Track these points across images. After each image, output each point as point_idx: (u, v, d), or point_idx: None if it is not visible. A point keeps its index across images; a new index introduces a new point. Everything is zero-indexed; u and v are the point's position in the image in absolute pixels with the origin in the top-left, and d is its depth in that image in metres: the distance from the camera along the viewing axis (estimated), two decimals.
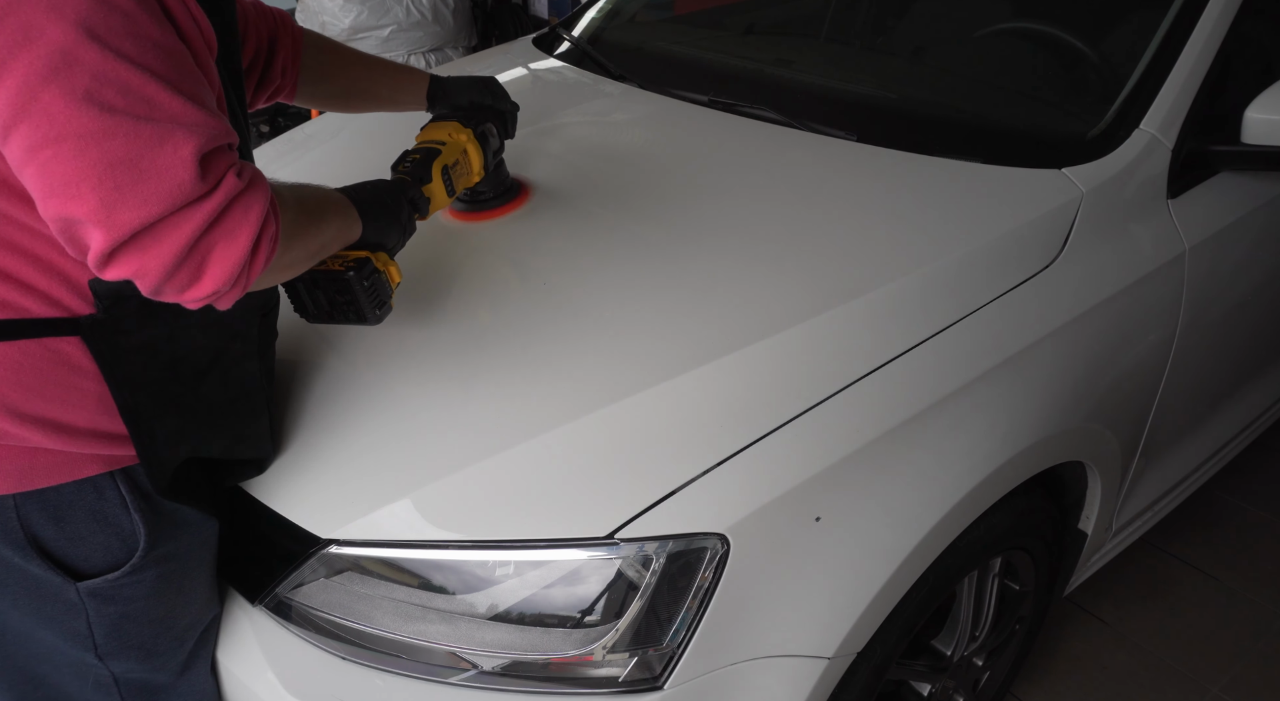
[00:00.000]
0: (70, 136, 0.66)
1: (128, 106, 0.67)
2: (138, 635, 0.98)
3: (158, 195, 0.68)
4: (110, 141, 0.67)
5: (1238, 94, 1.46)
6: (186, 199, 0.69)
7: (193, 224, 0.70)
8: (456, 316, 1.21)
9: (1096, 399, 1.34)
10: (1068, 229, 1.31)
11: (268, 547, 1.07)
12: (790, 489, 1.02)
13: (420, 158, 1.18)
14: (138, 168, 0.67)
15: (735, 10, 2.43)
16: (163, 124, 0.69)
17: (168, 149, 0.68)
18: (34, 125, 0.66)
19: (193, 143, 0.69)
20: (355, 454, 1.07)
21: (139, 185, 0.67)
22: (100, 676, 0.99)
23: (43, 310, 0.83)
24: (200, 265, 0.72)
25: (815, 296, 1.15)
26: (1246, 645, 1.91)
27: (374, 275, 1.00)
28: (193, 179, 0.69)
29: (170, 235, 0.70)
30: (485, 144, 1.28)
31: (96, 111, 0.66)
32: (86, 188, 0.67)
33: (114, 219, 0.68)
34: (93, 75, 0.66)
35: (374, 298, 1.01)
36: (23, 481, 0.86)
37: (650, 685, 1.00)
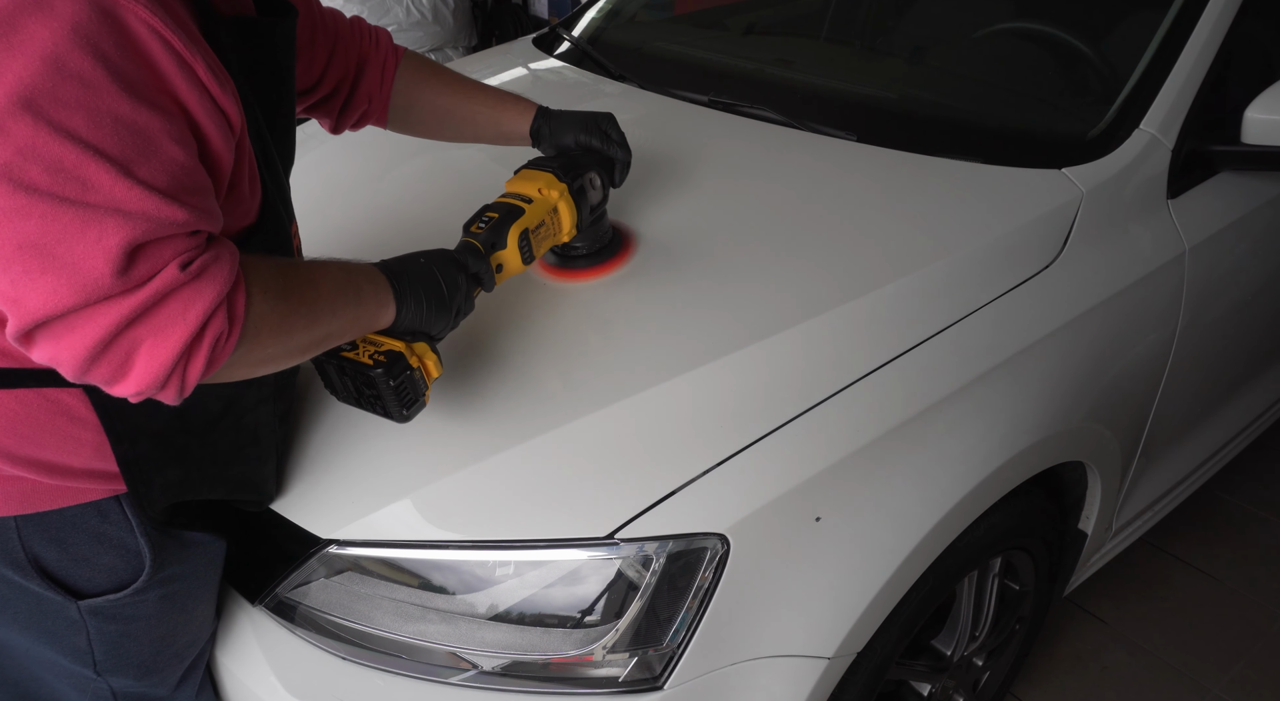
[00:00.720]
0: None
1: (53, 186, 0.61)
2: (138, 653, 0.97)
3: (68, 287, 0.62)
4: (24, 222, 0.61)
5: (1238, 94, 1.46)
6: (101, 294, 0.62)
7: (108, 319, 0.63)
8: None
9: (1096, 399, 1.34)
10: (1068, 229, 1.31)
11: (268, 548, 1.07)
12: (790, 489, 1.02)
13: (498, 219, 1.03)
14: (50, 255, 0.61)
15: (735, 10, 2.43)
16: (93, 209, 0.62)
17: (89, 237, 0.62)
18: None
19: (123, 233, 0.62)
20: (355, 454, 1.07)
21: (47, 274, 0.61)
22: (99, 690, 0.98)
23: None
24: (124, 361, 0.66)
25: (815, 296, 1.15)
26: (1246, 645, 1.91)
27: (405, 374, 0.88)
28: (110, 273, 0.62)
29: (82, 327, 0.63)
30: (581, 199, 1.13)
31: (11, 189, 0.60)
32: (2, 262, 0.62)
33: (22, 304, 0.62)
34: (18, 149, 0.60)
35: (404, 397, 0.90)
36: (24, 504, 0.85)
37: (650, 685, 1.00)
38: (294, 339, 0.79)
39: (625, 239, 1.26)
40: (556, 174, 1.10)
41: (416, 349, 0.91)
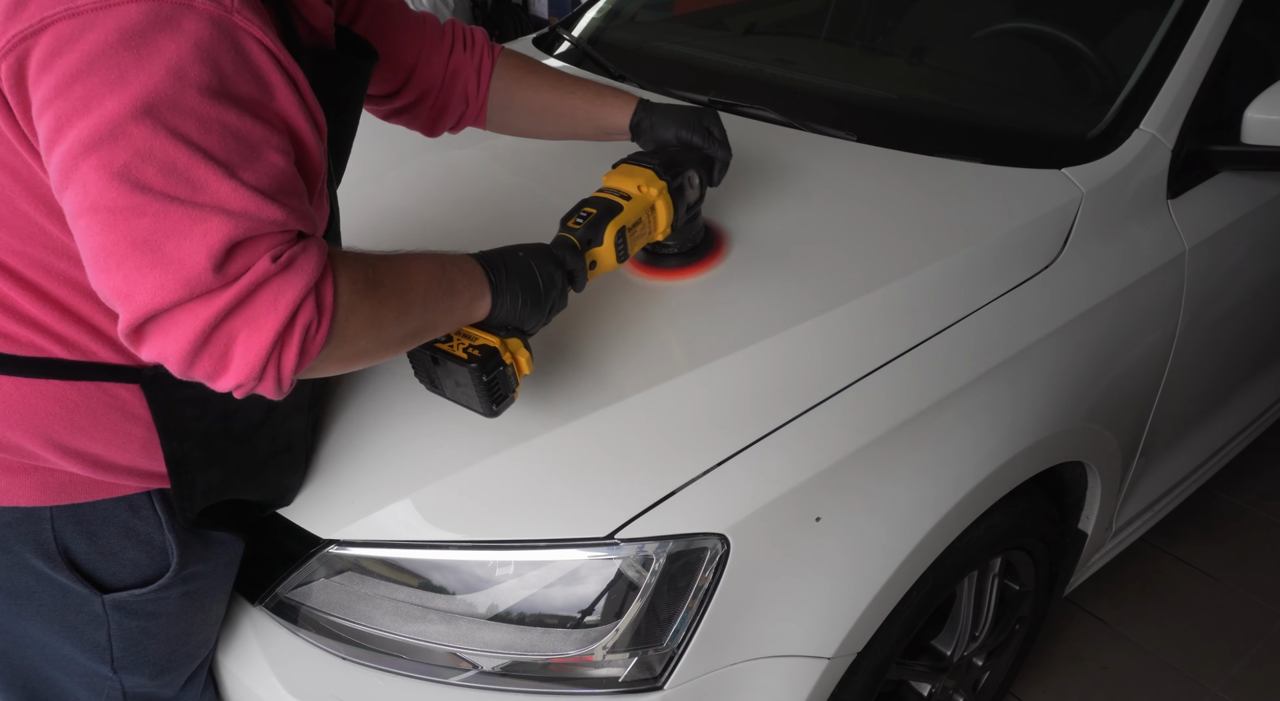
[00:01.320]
0: (100, 209, 0.65)
1: (166, 186, 0.65)
2: (155, 650, 0.98)
3: (174, 281, 0.66)
4: (139, 220, 0.65)
5: (1238, 94, 1.46)
6: (201, 289, 0.66)
7: (206, 313, 0.67)
8: None
9: (1096, 399, 1.34)
10: (1068, 229, 1.31)
11: (268, 548, 1.07)
12: (790, 489, 1.02)
13: (596, 214, 1.02)
14: (159, 252, 0.65)
15: (735, 10, 2.43)
16: (200, 208, 0.66)
17: (195, 234, 0.66)
18: (74, 192, 0.66)
19: (225, 230, 0.67)
20: (355, 454, 1.07)
21: (153, 270, 0.65)
22: (112, 689, 0.99)
23: (109, 356, 0.83)
24: (224, 354, 0.69)
25: (815, 296, 1.15)
26: (1246, 645, 1.91)
27: (498, 369, 0.88)
28: (209, 270, 0.66)
29: (185, 322, 0.67)
30: (679, 198, 1.10)
31: (129, 188, 0.65)
32: (112, 263, 0.66)
33: (132, 299, 0.66)
34: (136, 151, 0.65)
35: (494, 393, 0.89)
36: (61, 495, 0.87)
37: (650, 685, 1.00)
38: (386, 331, 0.80)
39: (718, 238, 1.24)
40: (657, 171, 1.08)
41: (510, 344, 0.90)
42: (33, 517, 0.87)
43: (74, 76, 0.64)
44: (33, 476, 0.86)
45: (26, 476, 0.86)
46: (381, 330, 0.79)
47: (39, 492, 0.87)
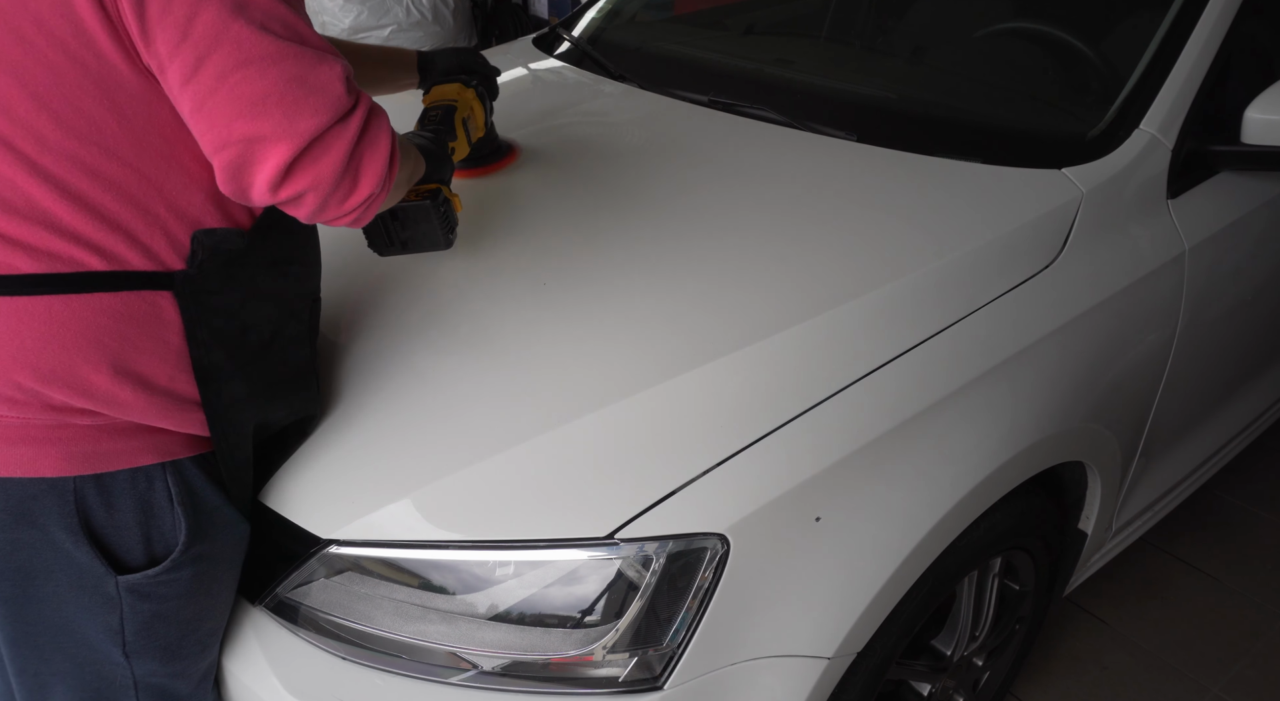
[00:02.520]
0: (255, 60, 0.77)
1: (290, 35, 0.80)
2: (166, 635, 0.99)
3: (325, 105, 0.80)
4: (284, 63, 0.79)
5: (1238, 94, 1.46)
6: (344, 109, 0.81)
7: (350, 132, 0.82)
8: (457, 315, 1.21)
9: (1096, 399, 1.34)
10: (1067, 229, 1.31)
11: (268, 548, 1.07)
12: (790, 489, 1.02)
13: (442, 113, 1.29)
14: (307, 84, 0.79)
15: (735, 10, 2.43)
16: (316, 49, 0.81)
17: (324, 68, 0.81)
18: (226, 52, 0.77)
19: (339, 65, 0.82)
20: (355, 454, 1.07)
21: (310, 97, 0.79)
22: (123, 677, 1.00)
23: (142, 263, 0.87)
24: (356, 173, 0.84)
25: (815, 296, 1.15)
26: (1246, 645, 1.91)
27: (446, 203, 1.13)
28: (345, 91, 0.81)
29: (334, 145, 0.81)
30: (484, 101, 1.40)
31: (272, 38, 0.78)
32: (271, 102, 0.78)
33: (295, 127, 0.79)
34: (264, 11, 0.79)
35: (446, 223, 1.14)
36: (87, 464, 0.90)
37: (650, 685, 1.00)
38: (407, 166, 0.99)
39: (512, 146, 1.56)
40: (463, 82, 1.39)
41: (442, 190, 1.14)
42: (58, 489, 0.89)
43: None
44: (59, 447, 0.88)
45: (52, 447, 0.88)
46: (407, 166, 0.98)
47: (64, 462, 0.89)
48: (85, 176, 0.83)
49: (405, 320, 1.21)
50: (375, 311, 1.24)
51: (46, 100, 0.79)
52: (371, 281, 1.28)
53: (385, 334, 1.19)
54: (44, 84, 0.79)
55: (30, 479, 0.88)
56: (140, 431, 0.92)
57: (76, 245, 0.84)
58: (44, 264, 0.83)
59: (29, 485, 0.88)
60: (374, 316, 1.23)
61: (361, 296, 1.25)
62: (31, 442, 0.88)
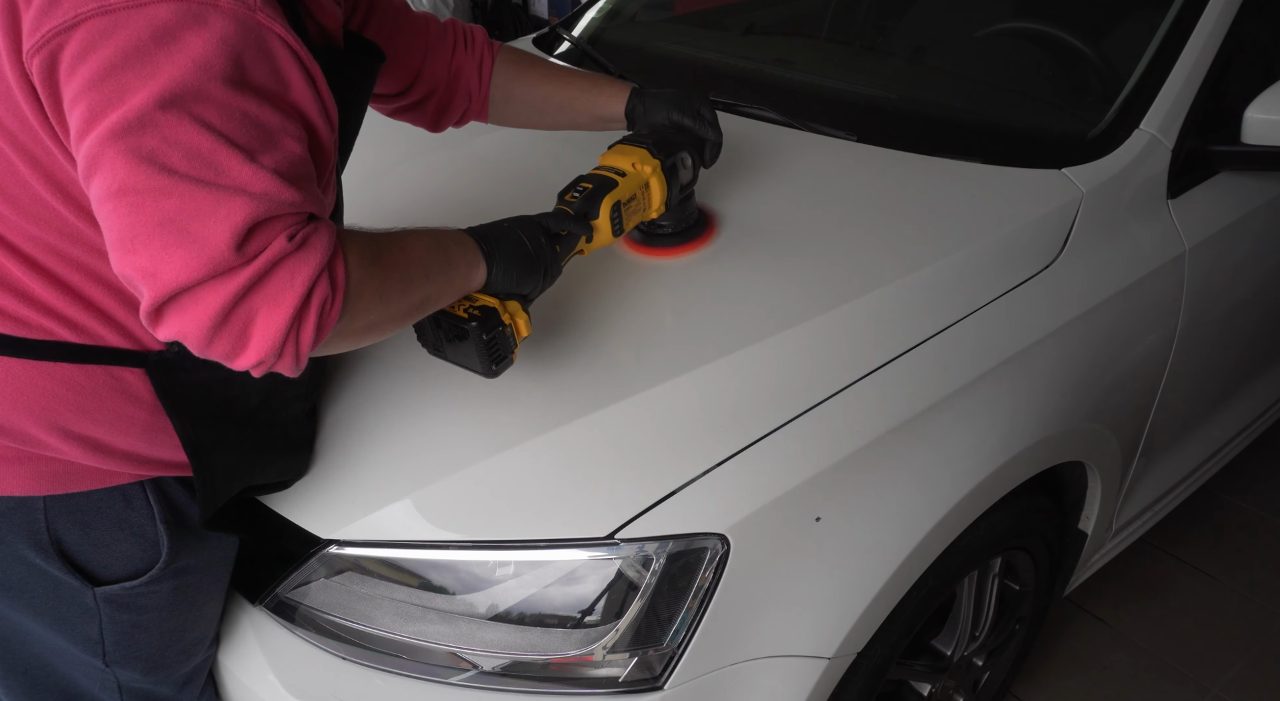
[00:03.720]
0: (129, 192, 0.68)
1: (190, 170, 0.69)
2: (147, 645, 0.99)
3: (198, 259, 0.68)
4: (165, 201, 0.68)
5: (1238, 94, 1.46)
6: (223, 267, 0.69)
7: (227, 290, 0.70)
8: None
9: (1097, 399, 1.34)
10: (1068, 229, 1.31)
11: (268, 548, 1.07)
12: (790, 489, 1.02)
13: (592, 189, 1.06)
14: (186, 231, 0.68)
15: (735, 10, 2.43)
16: (223, 190, 0.69)
17: (219, 214, 0.69)
18: (102, 177, 0.69)
19: (247, 210, 0.70)
20: (355, 454, 1.07)
21: (180, 248, 0.68)
22: (106, 681, 1.00)
23: (116, 340, 0.86)
24: (243, 331, 0.71)
25: (815, 296, 1.15)
26: (1246, 645, 1.91)
27: (497, 329, 0.92)
28: (230, 248, 0.69)
29: (206, 299, 0.70)
30: (673, 176, 1.15)
31: (156, 171, 0.68)
32: (139, 243, 0.69)
33: (159, 276, 0.69)
34: (162, 138, 0.68)
35: (493, 352, 0.93)
36: (56, 485, 0.88)
37: (650, 685, 1.00)
38: (394, 304, 0.84)
39: (709, 220, 1.29)
40: (650, 150, 1.13)
41: (509, 306, 0.95)
42: (26, 507, 0.88)
43: (107, 71, 0.67)
44: (27, 465, 0.87)
45: (21, 465, 0.86)
46: (389, 303, 0.83)
47: (33, 482, 0.87)
48: (53, 257, 0.81)
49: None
50: None
51: (3, 185, 0.78)
52: None
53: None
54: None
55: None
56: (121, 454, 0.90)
57: (48, 316, 0.82)
58: (10, 327, 0.82)
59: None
60: None
61: None
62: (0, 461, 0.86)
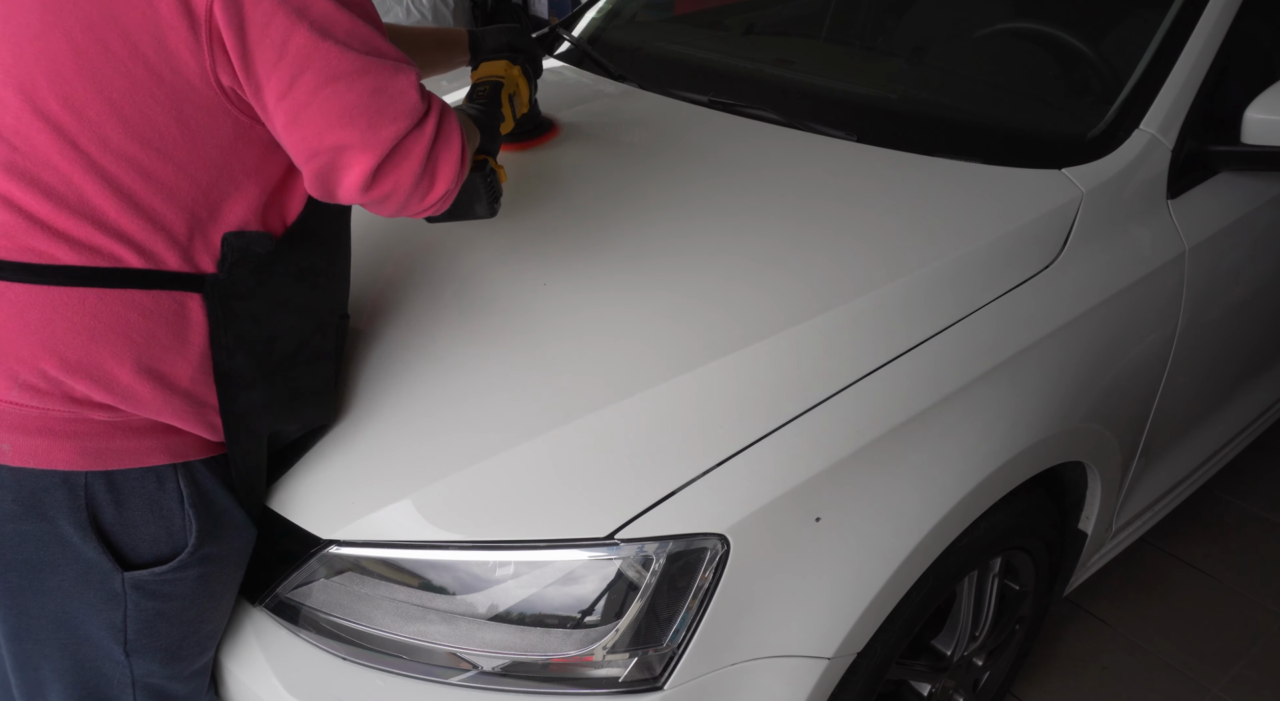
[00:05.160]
0: (342, 76, 0.85)
1: (370, 50, 0.86)
2: (167, 635, 1.00)
3: (403, 112, 0.87)
4: (367, 77, 0.86)
5: (1238, 94, 1.46)
6: (419, 114, 0.88)
7: (425, 136, 0.89)
8: (458, 316, 1.21)
9: (1096, 399, 1.34)
10: (1068, 229, 1.31)
11: (268, 548, 1.07)
12: (790, 489, 1.02)
13: (489, 89, 1.33)
14: (387, 93, 0.86)
15: (735, 10, 2.43)
16: (392, 61, 0.88)
17: (401, 78, 0.88)
18: (317, 70, 0.84)
19: (412, 73, 0.89)
20: (356, 454, 1.07)
21: (390, 106, 0.87)
22: (122, 675, 1.01)
23: (178, 264, 0.91)
24: (433, 172, 0.91)
25: (815, 297, 1.15)
26: (1246, 645, 1.91)
27: (492, 174, 1.16)
28: (419, 98, 0.89)
29: (414, 148, 0.89)
30: (530, 78, 1.46)
31: (355, 55, 0.85)
32: (357, 113, 0.85)
33: (378, 136, 0.86)
34: (347, 31, 0.85)
35: (492, 193, 1.15)
36: (99, 461, 0.91)
37: (650, 685, 1.00)
38: (471, 147, 1.04)
39: (553, 122, 1.63)
40: (510, 59, 1.43)
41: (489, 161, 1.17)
42: (69, 483, 0.90)
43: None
44: (74, 441, 0.90)
45: (68, 441, 0.89)
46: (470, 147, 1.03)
47: (78, 457, 0.90)
48: (139, 177, 0.87)
49: (405, 321, 1.21)
50: (375, 313, 1.24)
51: (119, 105, 0.84)
52: (371, 283, 1.28)
53: (385, 335, 1.19)
54: (119, 90, 0.84)
55: (43, 471, 0.90)
56: (155, 430, 0.94)
57: (118, 242, 0.87)
58: (84, 257, 0.86)
59: (41, 477, 0.90)
60: (374, 318, 1.23)
61: (360, 298, 1.25)
62: (48, 434, 0.89)
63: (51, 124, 0.84)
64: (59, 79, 0.83)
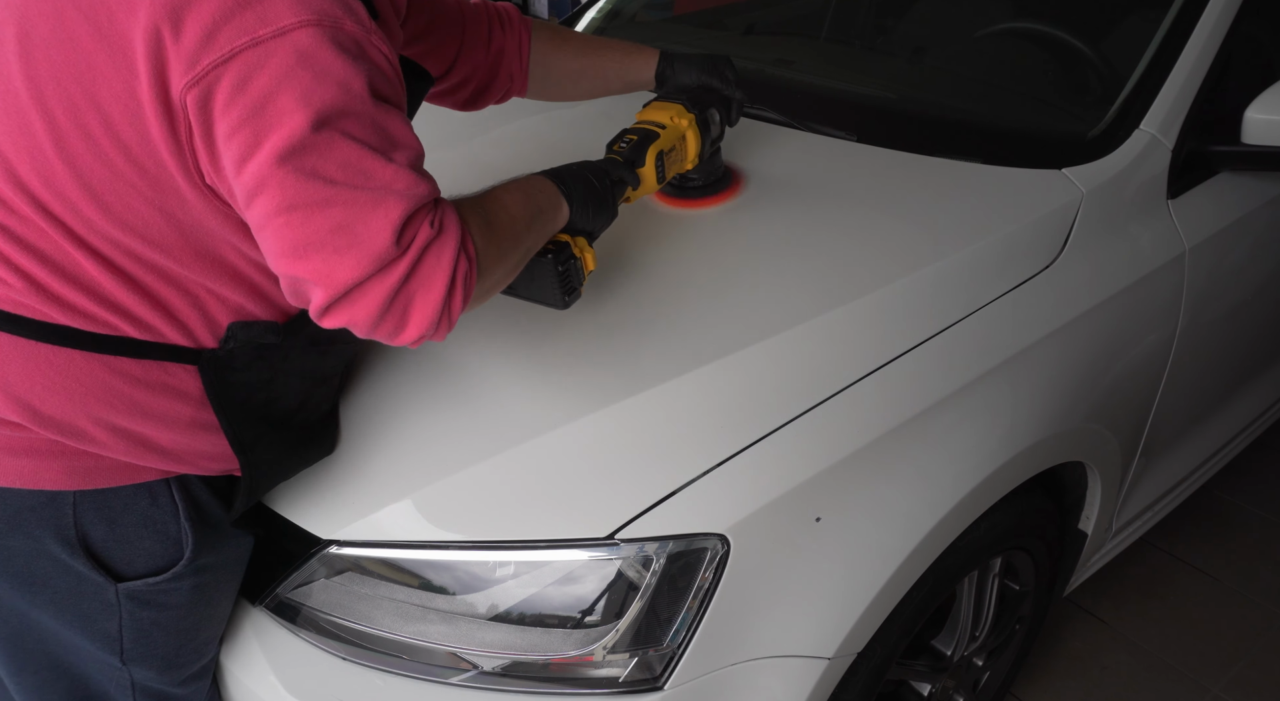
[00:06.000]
0: (299, 206, 0.76)
1: (347, 179, 0.77)
2: (164, 644, 0.99)
3: (366, 258, 0.77)
4: (332, 210, 0.76)
5: (1238, 94, 1.46)
6: (386, 259, 0.78)
7: (390, 281, 0.79)
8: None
9: (1096, 399, 1.34)
10: (1068, 229, 1.31)
11: (268, 548, 1.07)
12: (790, 489, 1.02)
13: (637, 140, 1.17)
14: (352, 233, 0.77)
15: (735, 10, 2.43)
16: (376, 192, 0.77)
17: (379, 214, 0.77)
18: (269, 196, 0.76)
19: (400, 207, 0.78)
20: (355, 454, 1.07)
21: (351, 249, 0.77)
22: (120, 680, 1.00)
23: (176, 337, 0.89)
24: (404, 313, 0.81)
25: (815, 297, 1.15)
26: (1246, 645, 1.91)
27: (570, 262, 1.01)
28: (391, 243, 0.78)
29: (372, 291, 0.78)
30: (705, 131, 1.25)
31: (320, 185, 0.76)
32: (311, 250, 0.77)
33: (332, 279, 0.77)
34: (320, 155, 0.76)
35: (566, 284, 1.02)
36: (87, 480, 0.90)
37: (650, 685, 1.00)
38: (509, 259, 0.93)
39: (735, 175, 1.39)
40: (685, 105, 1.23)
41: (578, 242, 1.03)
42: (56, 502, 0.89)
43: (263, 100, 0.74)
44: (61, 460, 0.88)
45: (55, 460, 0.88)
46: (506, 259, 0.92)
47: (65, 477, 0.89)
48: (129, 259, 0.85)
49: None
50: None
51: (100, 194, 0.81)
52: None
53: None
54: (99, 178, 0.80)
55: (29, 491, 0.88)
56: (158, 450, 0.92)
57: (114, 313, 0.85)
58: (78, 320, 0.85)
59: (27, 496, 0.88)
60: None
61: None
62: (34, 455, 0.88)
63: (37, 203, 0.81)
64: (40, 158, 0.80)
